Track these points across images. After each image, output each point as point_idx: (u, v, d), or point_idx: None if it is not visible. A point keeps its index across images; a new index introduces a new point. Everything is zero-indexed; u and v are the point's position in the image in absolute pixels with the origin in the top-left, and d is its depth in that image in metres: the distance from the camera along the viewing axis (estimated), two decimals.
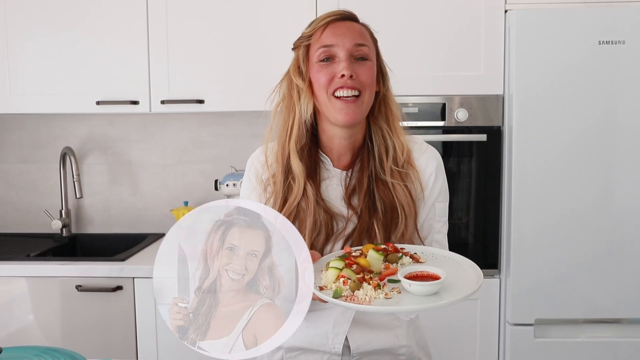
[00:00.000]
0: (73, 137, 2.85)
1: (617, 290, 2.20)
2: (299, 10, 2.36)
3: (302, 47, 1.28)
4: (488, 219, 2.33)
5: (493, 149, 2.30)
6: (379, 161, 1.29)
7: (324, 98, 1.25)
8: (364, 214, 1.27)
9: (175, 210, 2.61)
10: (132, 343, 2.28)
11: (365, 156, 1.31)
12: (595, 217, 2.18)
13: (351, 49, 1.24)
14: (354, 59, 1.24)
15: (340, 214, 1.29)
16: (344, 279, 1.08)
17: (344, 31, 1.25)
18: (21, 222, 2.90)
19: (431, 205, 1.33)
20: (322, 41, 1.25)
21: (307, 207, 1.26)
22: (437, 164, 1.35)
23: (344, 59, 1.23)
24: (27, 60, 2.50)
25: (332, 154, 1.32)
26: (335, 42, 1.24)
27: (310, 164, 1.29)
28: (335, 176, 1.32)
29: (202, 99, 2.44)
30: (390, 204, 1.27)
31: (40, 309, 2.30)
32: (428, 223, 1.34)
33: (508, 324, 2.25)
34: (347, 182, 1.31)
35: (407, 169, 1.30)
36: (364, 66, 1.24)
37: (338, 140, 1.30)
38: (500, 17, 2.26)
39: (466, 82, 2.29)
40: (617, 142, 2.16)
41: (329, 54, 1.24)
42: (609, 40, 2.12)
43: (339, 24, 1.27)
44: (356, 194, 1.30)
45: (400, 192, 1.27)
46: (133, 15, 2.44)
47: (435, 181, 1.33)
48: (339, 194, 1.30)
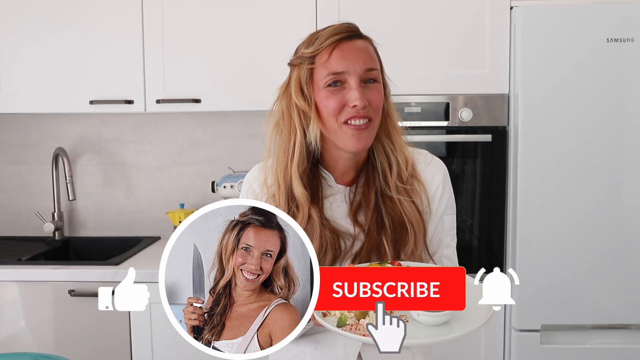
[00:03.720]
0: (65, 138, 2.85)
1: (626, 295, 2.20)
2: (298, 8, 2.36)
3: (305, 69, 1.23)
4: (493, 222, 2.33)
5: (498, 149, 2.30)
6: (382, 177, 1.28)
7: (333, 125, 1.22)
8: (372, 230, 1.26)
9: (171, 213, 2.61)
10: (127, 350, 2.28)
11: (370, 172, 1.30)
12: (604, 219, 2.18)
13: (362, 75, 1.20)
14: (363, 82, 1.21)
15: (346, 232, 1.28)
16: None
17: (354, 55, 1.21)
18: (12, 225, 2.90)
19: (439, 219, 1.33)
20: (332, 67, 1.20)
21: (312, 230, 1.24)
22: (444, 176, 1.34)
23: (355, 87, 1.19)
24: (17, 59, 2.50)
25: (335, 172, 1.31)
26: (345, 68, 1.20)
27: (312, 184, 1.27)
28: (338, 192, 1.31)
29: (198, 98, 2.45)
30: (399, 219, 1.26)
31: (32, 314, 2.30)
32: (437, 237, 1.33)
33: (513, 330, 2.25)
34: (352, 199, 1.30)
35: (412, 183, 1.29)
36: (374, 90, 1.22)
37: (343, 161, 1.29)
38: (506, 14, 2.26)
39: (470, 80, 2.29)
40: (626, 143, 2.16)
41: (339, 79, 1.21)
42: (617, 38, 2.12)
43: (346, 45, 1.22)
44: (362, 210, 1.29)
45: (408, 208, 1.27)
46: (128, 11, 2.44)
47: (442, 194, 1.33)
48: (344, 211, 1.30)
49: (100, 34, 2.46)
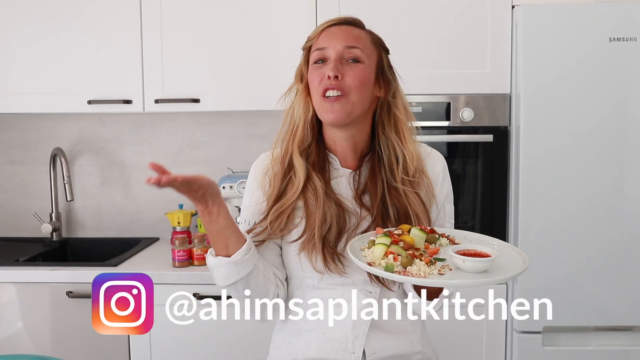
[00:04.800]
0: (63, 138, 2.85)
1: (629, 296, 2.20)
2: (298, 7, 2.36)
3: (304, 52, 1.37)
4: (494, 223, 2.33)
5: (500, 149, 2.30)
6: (389, 169, 1.34)
7: (316, 99, 1.32)
8: (378, 220, 1.32)
9: (169, 214, 2.60)
10: (125, 352, 2.28)
11: (375, 162, 1.36)
12: (606, 220, 2.18)
13: (342, 51, 1.30)
14: (345, 61, 1.30)
15: (352, 211, 1.34)
16: (394, 255, 1.12)
17: (337, 34, 1.32)
18: (9, 225, 2.90)
19: (441, 206, 1.39)
20: (317, 44, 1.33)
21: (316, 200, 1.31)
22: (443, 165, 1.42)
23: (332, 60, 1.30)
24: (15, 58, 2.50)
25: (338, 155, 1.38)
26: (327, 44, 1.31)
27: (318, 160, 1.36)
28: (343, 176, 1.37)
29: (197, 97, 2.44)
30: (404, 210, 1.32)
31: (30, 315, 2.30)
32: (439, 224, 1.38)
33: (515, 331, 2.25)
34: (357, 182, 1.36)
35: (418, 177, 1.35)
36: (353, 68, 1.30)
37: (339, 142, 1.37)
38: (508, 13, 2.26)
39: (472, 80, 2.29)
40: (628, 143, 2.16)
41: (322, 56, 1.31)
42: (620, 37, 2.12)
43: (334, 28, 1.33)
44: (367, 194, 1.35)
45: (413, 200, 1.32)
46: (126, 10, 2.44)
47: (443, 180, 1.40)
48: (349, 194, 1.35)
49: (99, 33, 2.46)
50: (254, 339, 2.13)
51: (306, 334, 1.36)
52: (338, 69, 1.28)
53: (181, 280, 2.23)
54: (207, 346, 2.25)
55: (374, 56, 1.34)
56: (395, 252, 1.13)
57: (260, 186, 1.38)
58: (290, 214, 1.32)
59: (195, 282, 2.21)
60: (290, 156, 1.35)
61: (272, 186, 1.35)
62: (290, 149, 1.35)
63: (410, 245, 1.16)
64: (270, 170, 1.37)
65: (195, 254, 2.33)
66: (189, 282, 2.22)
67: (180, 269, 2.30)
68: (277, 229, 1.32)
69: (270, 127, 2.68)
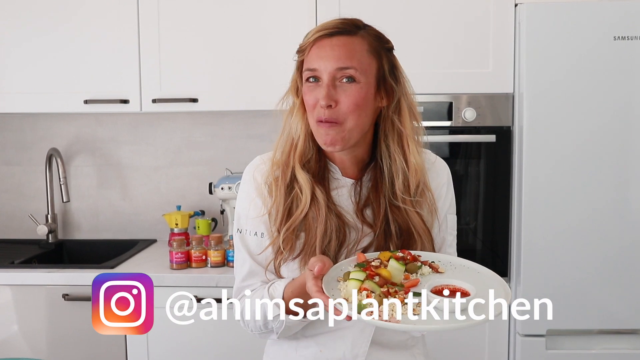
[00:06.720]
0: (60, 138, 2.85)
1: (634, 299, 2.20)
2: (297, 7, 2.36)
3: (298, 62, 1.29)
4: (497, 224, 2.33)
5: (502, 150, 2.30)
6: (390, 184, 1.29)
7: (312, 121, 1.26)
8: (380, 237, 1.28)
9: (167, 215, 2.61)
10: (122, 355, 2.28)
11: (378, 175, 1.31)
12: (610, 221, 2.18)
13: (334, 73, 1.21)
14: (338, 81, 1.22)
15: (353, 225, 1.30)
16: (367, 292, 1.05)
17: (328, 53, 1.22)
18: (5, 227, 2.90)
19: (444, 217, 1.36)
20: (308, 63, 1.25)
21: (317, 213, 1.26)
22: (447, 175, 1.38)
23: (325, 85, 1.22)
24: (10, 58, 2.50)
25: (338, 164, 1.34)
26: (317, 66, 1.23)
27: (318, 171, 1.31)
28: (345, 186, 1.33)
29: (195, 97, 2.44)
30: (406, 227, 1.29)
31: (25, 318, 2.30)
32: (441, 236, 1.36)
33: (518, 335, 2.25)
34: (359, 195, 1.32)
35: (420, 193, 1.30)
36: (348, 90, 1.22)
37: (339, 155, 1.32)
38: (510, 11, 2.26)
39: (474, 79, 2.29)
40: (633, 143, 2.16)
41: (314, 75, 1.24)
42: (624, 36, 2.12)
43: (324, 42, 1.23)
44: (368, 209, 1.31)
45: (414, 218, 1.29)
46: (123, 9, 2.44)
47: (447, 192, 1.37)
48: (351, 207, 1.31)
49: (95, 32, 2.46)
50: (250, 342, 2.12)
51: (303, 351, 1.33)
52: (330, 96, 1.20)
53: (179, 283, 2.23)
54: (203, 349, 2.26)
55: (373, 67, 1.25)
56: (370, 288, 1.06)
57: (259, 194, 1.32)
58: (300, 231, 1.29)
59: (193, 285, 2.21)
60: (293, 169, 1.30)
61: (273, 197, 1.30)
62: (292, 163, 1.30)
63: (386, 280, 1.10)
64: (269, 176, 1.32)
65: (193, 256, 2.33)
66: (187, 284, 2.22)
67: (178, 271, 2.30)
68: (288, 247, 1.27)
69: (269, 127, 2.68)
